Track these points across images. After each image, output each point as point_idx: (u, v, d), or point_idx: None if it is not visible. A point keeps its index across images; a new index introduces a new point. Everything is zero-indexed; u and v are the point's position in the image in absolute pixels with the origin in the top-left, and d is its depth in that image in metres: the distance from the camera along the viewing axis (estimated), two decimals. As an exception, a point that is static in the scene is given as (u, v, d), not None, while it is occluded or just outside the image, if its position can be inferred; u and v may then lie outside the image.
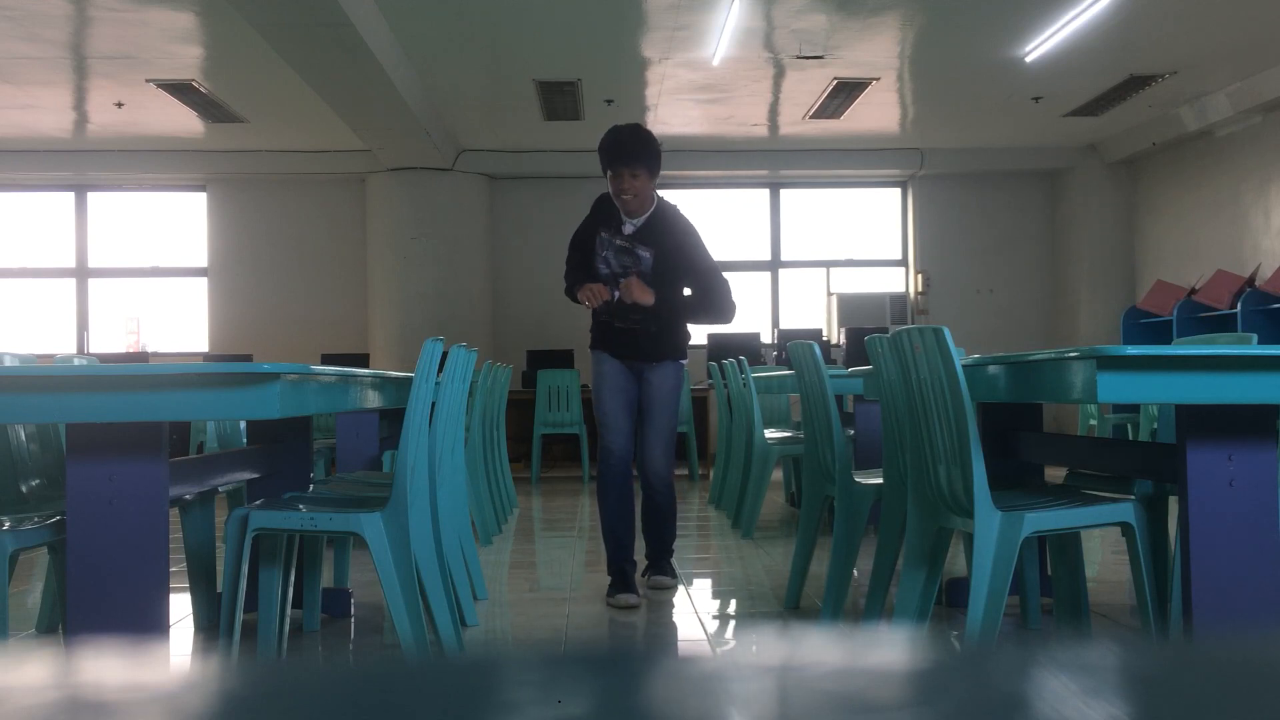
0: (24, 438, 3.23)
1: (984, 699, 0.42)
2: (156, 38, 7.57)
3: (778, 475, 7.75)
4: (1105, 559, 4.92)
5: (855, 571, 3.79)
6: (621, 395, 4.15)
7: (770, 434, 6.13)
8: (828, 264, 11.91)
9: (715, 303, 4.10)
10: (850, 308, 11.17)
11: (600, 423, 4.16)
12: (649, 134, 4.09)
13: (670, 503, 4.24)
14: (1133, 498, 2.97)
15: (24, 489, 3.17)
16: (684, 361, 4.22)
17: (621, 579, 4.05)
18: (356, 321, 11.37)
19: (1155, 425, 4.81)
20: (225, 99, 9.16)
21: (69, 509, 2.45)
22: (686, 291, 4.12)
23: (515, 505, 7.22)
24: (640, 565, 4.31)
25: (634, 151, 4.00)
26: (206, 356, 11.02)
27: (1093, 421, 9.09)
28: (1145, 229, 11.26)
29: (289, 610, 3.30)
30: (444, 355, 3.15)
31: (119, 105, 9.27)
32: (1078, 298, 11.52)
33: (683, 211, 4.22)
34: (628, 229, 4.09)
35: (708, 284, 4.09)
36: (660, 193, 4.23)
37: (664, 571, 4.26)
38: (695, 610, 4.02)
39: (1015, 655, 0.47)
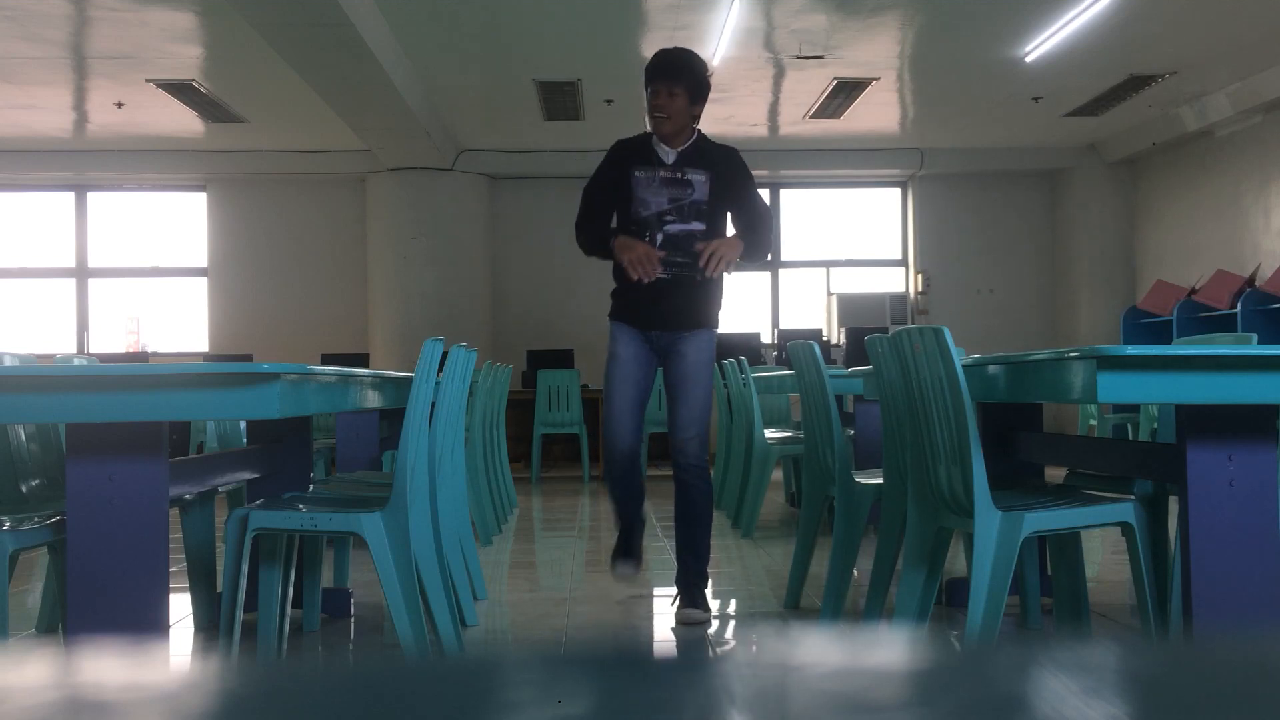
0: (24, 438, 3.23)
1: (984, 699, 0.42)
2: (156, 38, 7.57)
3: (778, 475, 7.75)
4: (1105, 559, 4.92)
5: (855, 571, 3.79)
6: (634, 388, 3.74)
7: (770, 434, 6.13)
8: (828, 264, 11.91)
9: (763, 238, 3.79)
10: (850, 308, 11.17)
11: (605, 415, 3.77)
12: (700, 59, 3.78)
13: (707, 498, 3.77)
14: (1133, 498, 2.97)
15: (24, 489, 3.17)
16: (716, 331, 3.83)
17: (625, 543, 3.83)
18: (356, 321, 11.37)
19: (1155, 425, 4.81)
20: (225, 99, 9.16)
21: (69, 509, 2.45)
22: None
23: (515, 505, 7.22)
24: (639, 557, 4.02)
25: (676, 67, 3.70)
26: (206, 356, 11.01)
27: (1093, 421, 9.09)
28: (1145, 229, 11.26)
29: (289, 610, 3.30)
30: (444, 355, 3.15)
31: (119, 105, 9.27)
32: (1078, 298, 11.51)
33: None
34: (670, 158, 3.72)
35: (756, 218, 3.78)
36: None
37: (696, 604, 3.72)
38: (695, 610, 4.01)
39: (1015, 655, 0.47)
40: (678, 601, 3.78)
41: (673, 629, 3.68)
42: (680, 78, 3.68)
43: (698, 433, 3.71)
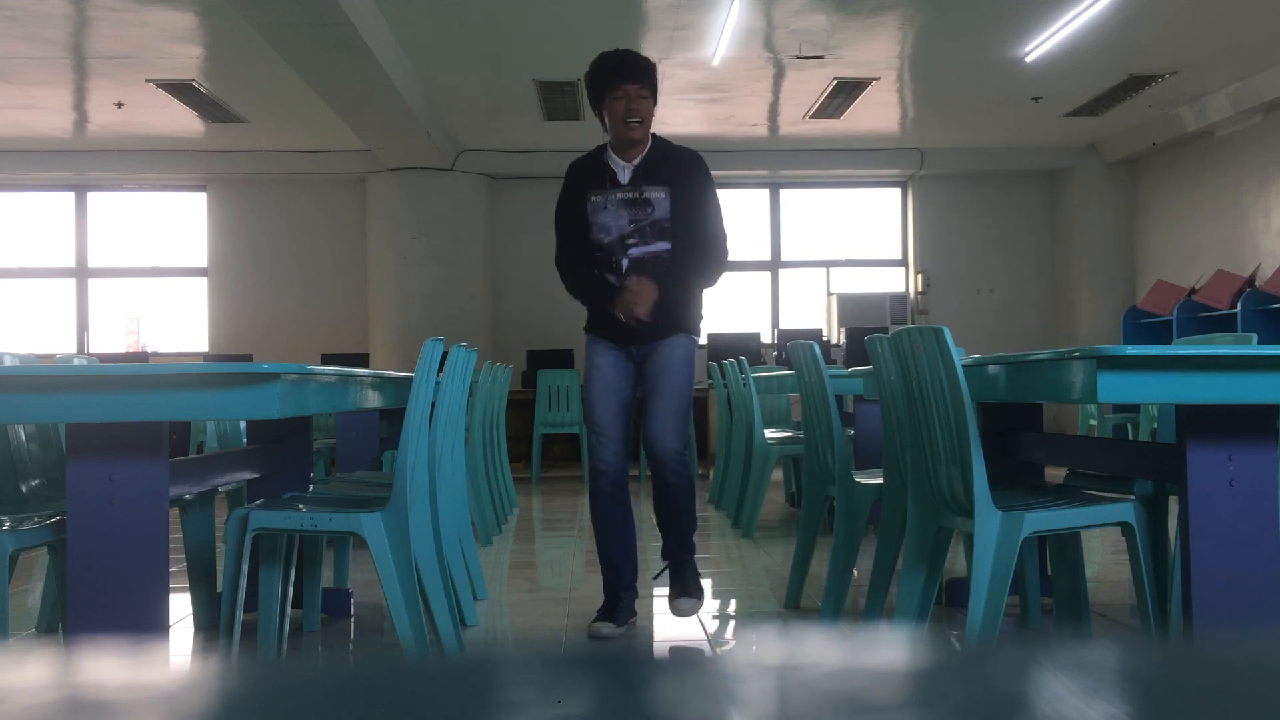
0: (24, 438, 3.23)
1: (984, 699, 0.42)
2: (156, 38, 7.57)
3: (778, 475, 7.75)
4: (1105, 559, 4.92)
5: (855, 571, 3.79)
6: (616, 398, 3.55)
7: (770, 434, 6.13)
8: (828, 264, 11.91)
9: (710, 263, 3.52)
10: (850, 308, 11.17)
11: (590, 430, 3.58)
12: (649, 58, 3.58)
13: (686, 484, 3.54)
14: (1133, 498, 2.97)
15: (24, 489, 3.17)
16: (695, 337, 3.64)
17: (611, 606, 3.56)
18: (356, 321, 11.37)
19: (1155, 425, 4.81)
20: (225, 99, 9.16)
21: (69, 509, 2.45)
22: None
23: (515, 505, 7.22)
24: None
25: (641, 66, 3.47)
26: (206, 356, 11.02)
27: (1093, 421, 9.09)
28: (1145, 229, 11.26)
29: (289, 610, 3.30)
30: (444, 355, 3.15)
31: (119, 105, 9.27)
32: (1078, 298, 11.51)
33: None
34: (625, 176, 3.49)
35: (708, 238, 3.51)
36: None
37: (688, 591, 3.57)
38: (695, 610, 4.01)
39: (1015, 655, 0.47)
40: (669, 588, 3.64)
41: (670, 613, 3.60)
42: (646, 77, 3.50)
43: (672, 424, 3.49)
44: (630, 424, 3.62)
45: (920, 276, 11.73)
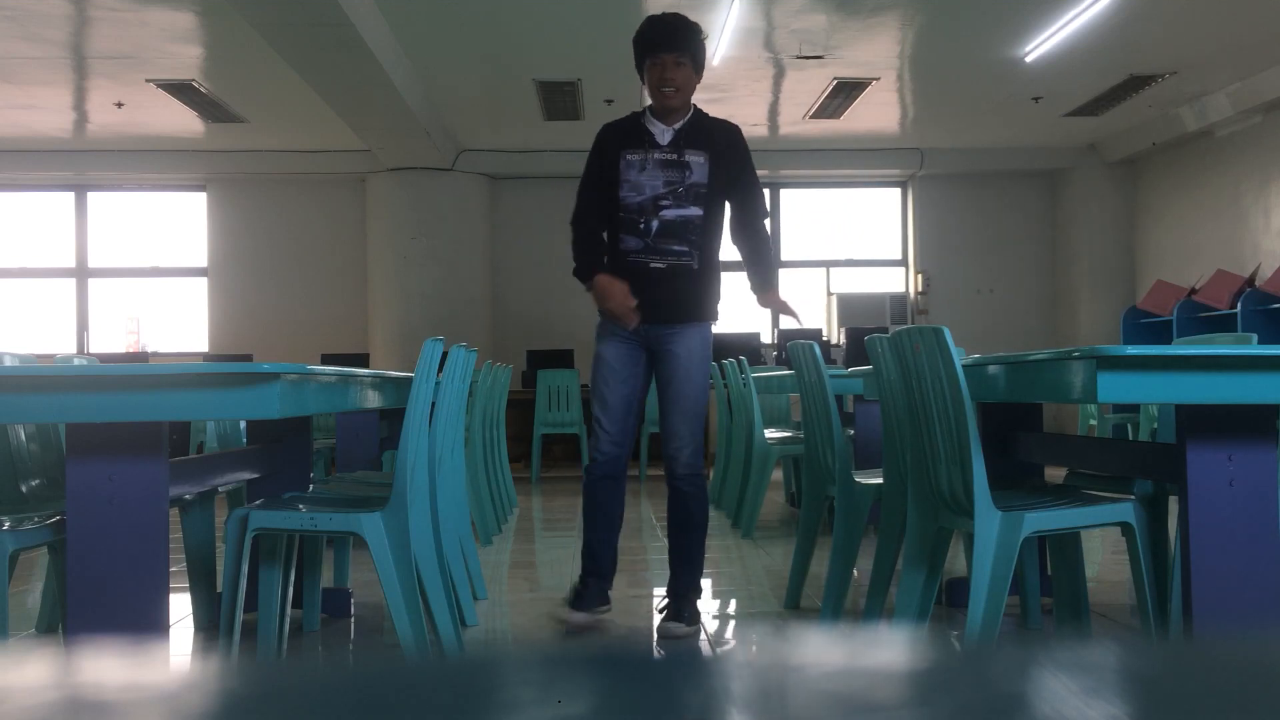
0: (24, 438, 3.23)
1: (984, 699, 0.42)
2: (156, 38, 7.57)
3: (778, 475, 7.74)
4: (1105, 559, 4.92)
5: (855, 571, 3.79)
6: (620, 388, 3.47)
7: (770, 434, 6.13)
8: (828, 264, 11.91)
9: (760, 225, 3.62)
10: (850, 308, 11.17)
11: (592, 419, 3.54)
12: (694, 23, 3.52)
13: (703, 508, 3.56)
14: (1133, 498, 2.97)
15: (24, 489, 3.17)
16: (713, 324, 3.58)
17: (582, 593, 3.56)
18: (356, 321, 11.37)
19: (1155, 425, 4.81)
20: (225, 99, 9.16)
21: (69, 509, 2.45)
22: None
23: (515, 505, 7.22)
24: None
25: (681, 35, 3.45)
26: (206, 356, 11.01)
27: (1093, 421, 9.09)
28: (1145, 229, 11.26)
29: (289, 610, 3.30)
30: (444, 355, 3.15)
31: (119, 105, 9.27)
32: (1078, 298, 11.51)
33: None
34: (666, 137, 3.47)
35: (754, 203, 3.58)
36: None
37: (681, 616, 3.49)
38: (695, 610, 4.00)
39: (1015, 655, 0.47)
40: (664, 612, 3.56)
41: (656, 642, 3.52)
42: (685, 45, 3.45)
43: (690, 442, 3.49)
44: (634, 416, 3.54)
45: (920, 276, 11.73)
